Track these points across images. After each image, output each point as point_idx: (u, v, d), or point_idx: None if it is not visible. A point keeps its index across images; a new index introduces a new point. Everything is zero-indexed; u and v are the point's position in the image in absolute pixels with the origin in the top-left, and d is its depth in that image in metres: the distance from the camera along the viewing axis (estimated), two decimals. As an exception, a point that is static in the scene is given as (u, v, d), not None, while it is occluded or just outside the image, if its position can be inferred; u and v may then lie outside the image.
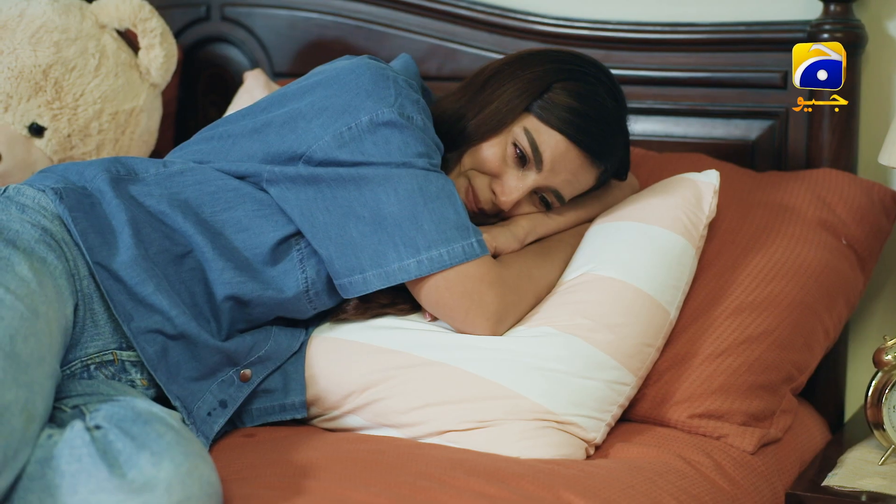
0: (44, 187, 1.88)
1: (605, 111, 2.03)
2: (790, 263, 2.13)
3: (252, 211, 1.95)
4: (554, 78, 2.01)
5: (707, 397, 1.99)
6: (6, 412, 1.50)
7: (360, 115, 1.90)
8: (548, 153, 2.00)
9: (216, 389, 1.88)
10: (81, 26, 2.50)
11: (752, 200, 2.25)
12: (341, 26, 2.82)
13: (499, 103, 2.01)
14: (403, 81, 1.96)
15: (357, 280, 1.91)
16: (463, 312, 1.91)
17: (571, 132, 2.00)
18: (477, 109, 2.02)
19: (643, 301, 1.95)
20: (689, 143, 2.52)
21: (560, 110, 1.99)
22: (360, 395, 1.92)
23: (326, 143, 1.90)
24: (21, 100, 2.45)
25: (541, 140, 1.99)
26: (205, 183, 1.96)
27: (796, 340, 2.08)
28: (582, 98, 2.01)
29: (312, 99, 1.96)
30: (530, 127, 2.00)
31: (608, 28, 2.58)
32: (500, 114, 2.00)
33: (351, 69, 1.97)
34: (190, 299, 1.89)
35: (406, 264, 1.88)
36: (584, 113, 2.00)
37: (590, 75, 2.04)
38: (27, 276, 1.68)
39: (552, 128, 1.99)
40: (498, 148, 2.01)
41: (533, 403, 1.84)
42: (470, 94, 2.05)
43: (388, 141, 1.89)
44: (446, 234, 1.88)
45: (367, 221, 1.88)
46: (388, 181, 1.88)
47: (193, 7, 2.99)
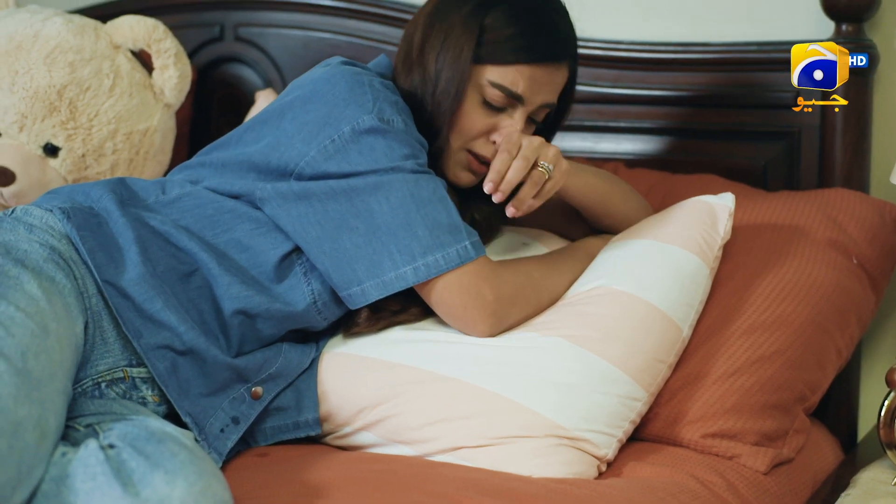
0: (51, 207, 1.89)
1: (538, 11, 2.03)
2: (802, 283, 2.13)
3: (250, 231, 1.96)
4: (480, 16, 2.00)
5: (720, 417, 1.98)
6: (20, 428, 1.51)
7: (342, 125, 1.91)
8: (520, 87, 2.00)
9: (228, 406, 1.88)
10: (96, 47, 2.51)
11: (764, 221, 2.25)
12: (355, 46, 2.83)
13: (447, 72, 1.99)
14: (380, 83, 1.96)
15: (356, 292, 1.91)
16: (461, 309, 1.91)
17: (528, 56, 2.00)
18: (431, 87, 2.01)
19: (656, 317, 1.95)
20: (700, 163, 2.52)
21: (506, 44, 1.99)
22: (372, 412, 1.92)
23: (313, 157, 1.91)
24: (36, 120, 2.46)
25: (507, 81, 1.99)
26: (202, 207, 1.97)
27: (809, 360, 2.08)
28: (516, 18, 2.00)
29: (293, 114, 1.97)
30: (491, 77, 2.00)
31: (621, 48, 2.59)
32: (455, 81, 1.99)
33: (326, 79, 1.97)
34: (198, 316, 1.90)
35: (403, 272, 1.89)
36: (527, 30, 2.00)
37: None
38: (37, 294, 1.69)
39: (510, 64, 1.99)
40: (473, 112, 2.01)
41: (545, 419, 1.84)
42: (415, 71, 2.03)
43: (372, 148, 1.90)
44: (440, 239, 1.89)
45: (361, 232, 1.89)
46: (379, 189, 1.88)
47: (207, 27, 3.00)
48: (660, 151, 2.58)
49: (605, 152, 2.62)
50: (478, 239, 1.93)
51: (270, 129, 1.98)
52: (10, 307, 1.63)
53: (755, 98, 2.49)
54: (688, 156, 2.56)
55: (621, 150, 2.62)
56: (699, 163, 2.52)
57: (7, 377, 1.53)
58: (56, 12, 2.56)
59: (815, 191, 2.36)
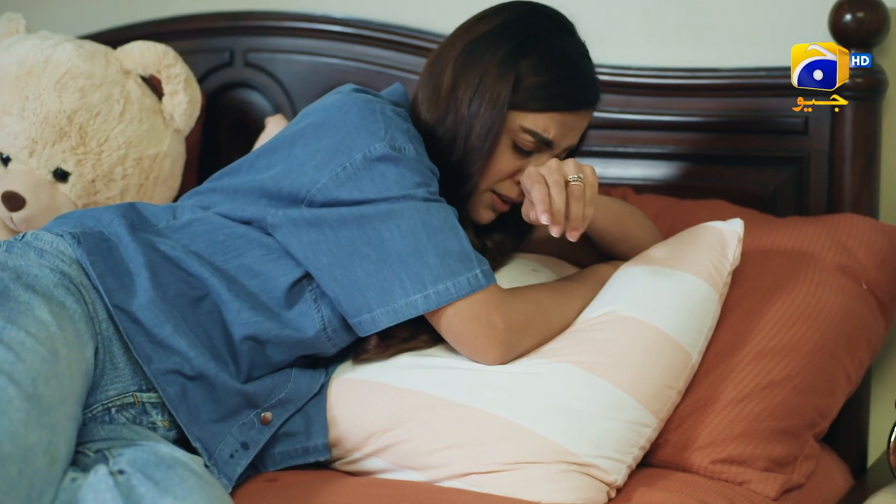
0: (62, 232, 1.89)
1: (570, 61, 2.04)
2: (812, 308, 2.13)
3: (261, 256, 1.96)
4: (515, 62, 2.00)
5: (729, 443, 1.98)
6: (30, 453, 1.51)
7: (353, 152, 1.91)
8: (552, 133, 2.01)
9: (237, 432, 1.88)
10: (106, 72, 2.52)
11: (773, 246, 2.25)
12: (363, 72, 2.84)
13: (484, 118, 1.99)
14: (391, 111, 1.97)
15: (366, 319, 1.91)
16: (472, 337, 1.91)
17: (560, 104, 2.01)
18: (464, 131, 2.00)
19: (665, 343, 1.95)
20: (709, 188, 2.52)
21: (540, 92, 2.00)
22: (382, 437, 1.92)
23: (324, 184, 1.91)
24: (46, 145, 2.46)
25: (539, 128, 2.00)
26: (213, 232, 1.98)
27: (818, 385, 2.08)
28: (549, 67, 2.01)
29: (305, 141, 1.97)
30: (524, 123, 2.00)
31: (630, 73, 2.59)
32: (492, 128, 1.99)
33: (338, 107, 1.97)
34: (208, 341, 1.90)
35: (413, 300, 1.89)
36: (561, 79, 2.01)
37: (537, 33, 2.03)
38: (47, 319, 1.69)
39: (543, 111, 2.00)
40: (503, 155, 2.02)
41: (554, 445, 1.83)
42: (445, 112, 2.03)
43: (384, 176, 1.90)
44: (451, 268, 1.89)
45: (372, 260, 1.89)
46: (391, 217, 1.89)
47: (217, 53, 3.01)
48: (669, 177, 2.58)
49: (613, 177, 2.62)
50: (488, 267, 1.93)
51: (282, 156, 1.99)
52: (21, 332, 1.63)
53: (764, 123, 2.49)
54: (697, 181, 2.56)
55: (630, 175, 2.62)
56: (708, 188, 2.52)
57: (18, 402, 1.54)
58: (66, 38, 2.57)
59: (825, 216, 2.36)
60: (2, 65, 2.51)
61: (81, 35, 2.95)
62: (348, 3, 2.92)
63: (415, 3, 2.84)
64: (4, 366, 1.57)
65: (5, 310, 1.67)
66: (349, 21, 2.90)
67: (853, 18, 2.33)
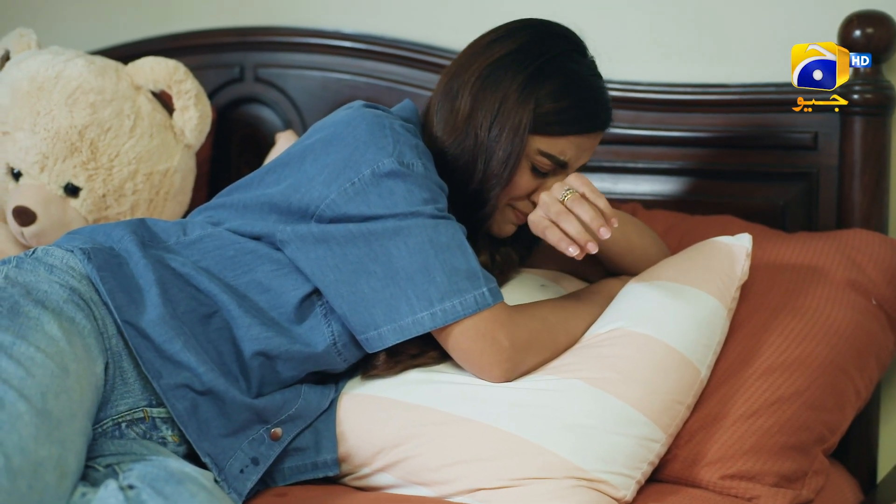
0: (72, 248, 1.90)
1: (586, 85, 2.05)
2: (821, 324, 2.13)
3: (271, 272, 1.96)
4: (534, 88, 2.01)
5: (739, 458, 1.98)
6: (40, 468, 1.51)
7: (362, 168, 1.91)
8: (569, 155, 2.03)
9: (247, 447, 1.88)
10: (117, 88, 2.52)
11: (783, 262, 2.25)
12: (373, 87, 2.84)
13: (505, 143, 1.99)
14: (400, 126, 1.97)
15: (373, 336, 1.91)
16: (478, 354, 1.91)
17: (577, 128, 2.03)
18: (484, 155, 2.00)
19: (674, 358, 1.95)
20: (718, 204, 2.52)
21: (558, 117, 2.01)
22: (391, 453, 1.92)
23: (333, 200, 1.92)
24: (57, 160, 2.47)
25: (557, 151, 2.02)
26: (223, 248, 1.98)
27: (828, 401, 2.08)
28: (566, 92, 2.01)
29: (314, 156, 1.97)
30: (541, 146, 2.01)
31: (639, 89, 2.60)
32: (510, 156, 1.99)
33: (347, 122, 1.98)
34: (218, 357, 1.90)
35: (420, 317, 1.89)
36: (577, 104, 2.02)
37: (553, 57, 2.03)
38: (56, 335, 1.70)
39: (560, 136, 2.01)
40: (522, 178, 2.03)
41: (563, 460, 1.83)
42: (463, 137, 2.03)
43: (392, 192, 1.90)
44: (458, 285, 1.89)
45: (379, 277, 1.89)
46: (398, 235, 1.89)
47: (227, 68, 3.02)
48: (678, 192, 2.58)
49: (623, 193, 2.63)
50: (495, 285, 1.93)
51: (291, 171, 1.99)
52: (31, 348, 1.64)
53: (773, 139, 2.49)
54: (706, 197, 2.56)
55: (639, 190, 2.62)
56: (717, 204, 2.52)
57: (28, 417, 1.54)
58: (78, 53, 2.58)
59: (834, 232, 2.36)
60: (13, 80, 2.52)
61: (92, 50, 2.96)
62: (359, 19, 2.93)
63: (425, 19, 2.84)
64: (14, 381, 1.58)
65: (15, 325, 1.67)
66: (359, 37, 2.91)
67: (863, 34, 2.34)
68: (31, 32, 2.65)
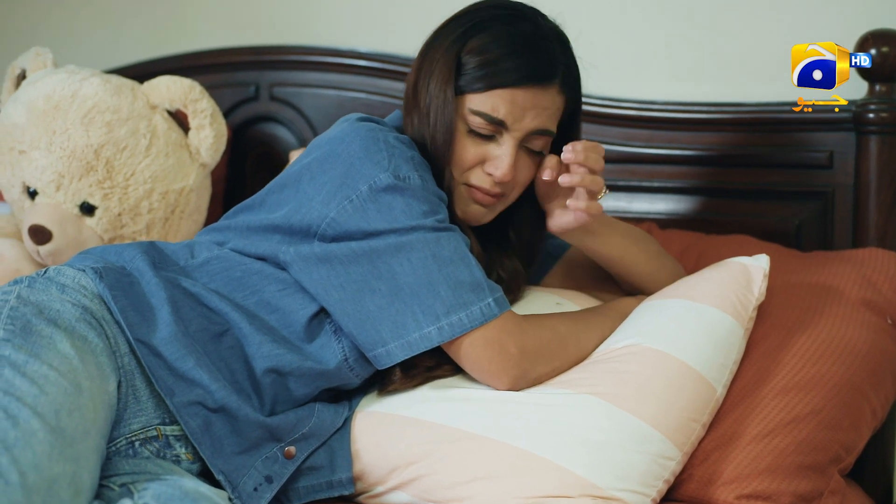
0: (84, 267, 1.91)
1: (517, 39, 2.01)
2: (836, 343, 2.12)
3: (277, 291, 1.97)
4: (456, 50, 2.01)
5: (754, 478, 1.97)
6: (54, 485, 1.52)
7: (359, 184, 1.91)
8: (502, 111, 2.00)
9: (261, 465, 1.88)
10: (133, 107, 2.53)
11: (798, 281, 2.25)
12: (388, 106, 2.85)
13: (434, 108, 2.00)
14: (395, 139, 1.96)
15: (381, 353, 1.91)
16: (486, 362, 1.91)
17: (504, 79, 1.99)
18: (427, 123, 2.01)
19: (690, 375, 1.95)
20: (734, 223, 2.52)
21: (480, 71, 1.99)
22: (405, 471, 1.91)
23: (333, 218, 1.92)
24: (73, 179, 2.48)
25: (487, 107, 1.99)
26: (230, 269, 1.99)
27: (843, 421, 2.07)
28: (491, 46, 2.00)
29: (311, 175, 1.97)
30: (472, 105, 2.00)
31: (654, 108, 2.60)
32: (443, 115, 2.00)
33: (341, 138, 1.98)
34: (231, 376, 1.90)
35: (427, 332, 1.89)
36: (503, 56, 1.99)
37: (483, 20, 2.03)
38: (69, 353, 1.70)
39: (486, 90, 1.99)
40: (461, 142, 2.02)
41: (578, 478, 1.83)
42: (413, 112, 2.05)
43: (390, 206, 1.90)
44: (463, 298, 1.89)
45: (384, 294, 1.89)
46: (401, 251, 1.89)
47: (243, 87, 3.03)
48: (693, 211, 2.58)
49: (638, 212, 2.63)
50: (501, 294, 1.93)
51: (290, 193, 1.99)
52: (44, 366, 1.64)
53: (788, 158, 2.49)
54: (721, 216, 2.56)
55: (654, 209, 2.62)
56: (732, 223, 2.52)
57: (41, 435, 1.55)
58: (93, 72, 2.59)
59: (849, 251, 2.35)
60: (29, 99, 2.53)
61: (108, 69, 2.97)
62: (373, 38, 2.94)
63: (439, 38, 2.85)
64: (28, 399, 1.58)
65: (28, 344, 1.68)
66: (374, 55, 2.91)
67: (878, 53, 2.34)
68: (48, 51, 2.66)
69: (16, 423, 1.55)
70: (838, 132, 2.42)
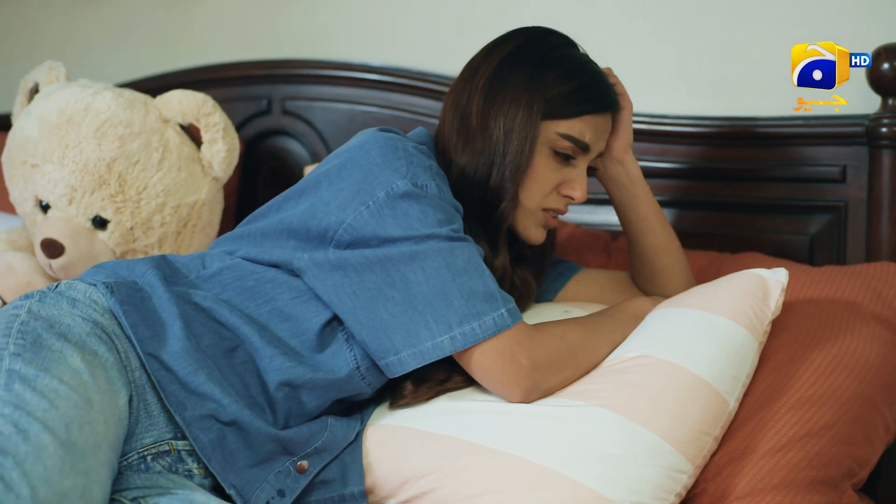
0: (95, 281, 1.91)
1: (588, 68, 2.13)
2: (849, 358, 2.12)
3: (291, 300, 1.97)
4: (541, 77, 2.07)
5: (767, 493, 1.97)
6: (65, 499, 1.52)
7: (376, 190, 1.92)
8: (588, 136, 2.08)
9: (273, 479, 1.88)
10: (145, 121, 2.53)
11: (811, 295, 2.25)
12: (400, 120, 2.85)
13: (519, 132, 2.05)
14: (413, 148, 1.98)
15: (393, 361, 1.91)
16: (498, 373, 1.91)
17: (590, 106, 2.09)
18: (500, 149, 2.05)
19: (702, 388, 1.94)
20: (746, 237, 2.51)
21: (569, 98, 2.07)
22: (417, 484, 1.91)
23: (349, 224, 1.92)
24: (85, 193, 2.48)
25: (576, 132, 2.07)
26: (243, 279, 1.99)
27: (857, 435, 2.06)
28: (572, 75, 2.09)
29: (329, 181, 1.98)
30: (560, 129, 2.07)
31: (666, 122, 2.60)
32: (526, 143, 2.05)
33: (360, 146, 1.99)
34: (245, 390, 1.90)
35: (440, 342, 1.89)
36: (585, 84, 2.09)
37: (551, 48, 2.11)
38: (80, 367, 1.71)
39: (575, 116, 2.07)
40: (543, 166, 2.08)
41: (591, 491, 1.82)
42: (477, 140, 2.08)
43: (406, 214, 1.91)
44: (476, 308, 1.89)
45: (397, 302, 1.89)
46: (415, 260, 1.89)
47: (255, 101, 3.04)
48: (705, 225, 2.58)
49: (650, 226, 2.62)
50: (514, 305, 1.93)
51: (308, 197, 2.00)
52: (54, 380, 1.65)
53: (801, 172, 2.49)
54: (733, 230, 2.56)
55: (667, 223, 2.62)
56: (745, 237, 2.52)
57: (52, 448, 1.55)
58: (106, 86, 2.59)
59: (862, 265, 2.35)
60: (42, 113, 2.54)
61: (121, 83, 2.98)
62: (385, 52, 2.94)
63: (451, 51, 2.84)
64: (38, 412, 1.59)
65: (38, 358, 1.68)
66: (386, 69, 2.92)
67: (891, 67, 2.33)
68: (60, 65, 2.66)
69: (26, 437, 1.55)
70: (851, 146, 2.42)
